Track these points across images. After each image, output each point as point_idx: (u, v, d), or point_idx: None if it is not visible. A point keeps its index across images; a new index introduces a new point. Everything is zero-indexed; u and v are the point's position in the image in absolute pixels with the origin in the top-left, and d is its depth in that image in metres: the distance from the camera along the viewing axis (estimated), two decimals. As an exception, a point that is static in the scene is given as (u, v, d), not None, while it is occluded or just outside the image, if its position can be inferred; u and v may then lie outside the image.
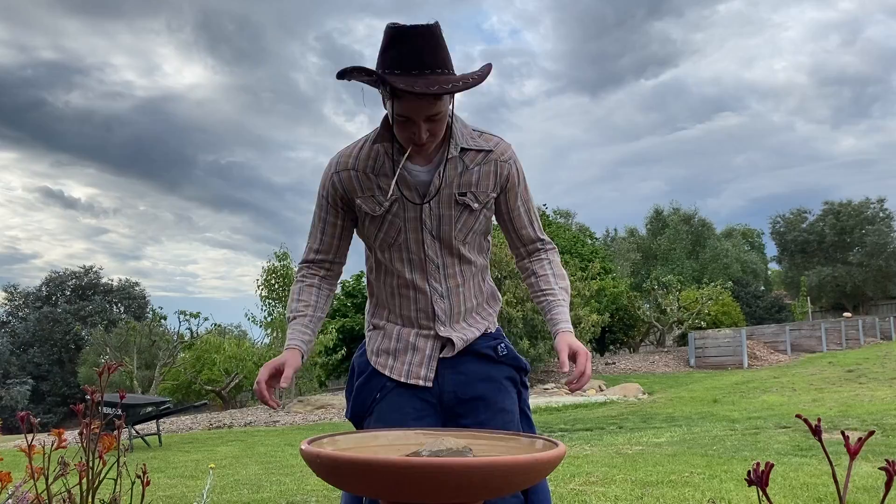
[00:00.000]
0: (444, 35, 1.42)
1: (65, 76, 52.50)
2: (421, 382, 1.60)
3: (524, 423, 1.67)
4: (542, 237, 1.74)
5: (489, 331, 1.70)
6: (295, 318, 1.63)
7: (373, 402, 1.64)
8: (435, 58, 1.39)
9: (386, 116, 1.53)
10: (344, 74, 1.40)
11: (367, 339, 1.73)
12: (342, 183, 1.60)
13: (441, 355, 1.63)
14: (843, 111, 63.14)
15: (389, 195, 1.56)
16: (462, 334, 1.64)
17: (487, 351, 1.66)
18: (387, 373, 1.63)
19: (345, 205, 1.62)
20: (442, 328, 1.63)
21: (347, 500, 1.67)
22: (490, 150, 1.60)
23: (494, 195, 1.63)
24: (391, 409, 1.59)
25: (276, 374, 1.51)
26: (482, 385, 1.61)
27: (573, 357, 1.51)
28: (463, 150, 1.58)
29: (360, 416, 1.67)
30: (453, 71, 1.43)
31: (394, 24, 1.39)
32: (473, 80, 1.40)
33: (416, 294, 1.63)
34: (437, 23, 1.42)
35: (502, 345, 1.69)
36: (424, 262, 1.61)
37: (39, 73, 50.76)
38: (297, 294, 1.67)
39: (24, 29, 49.45)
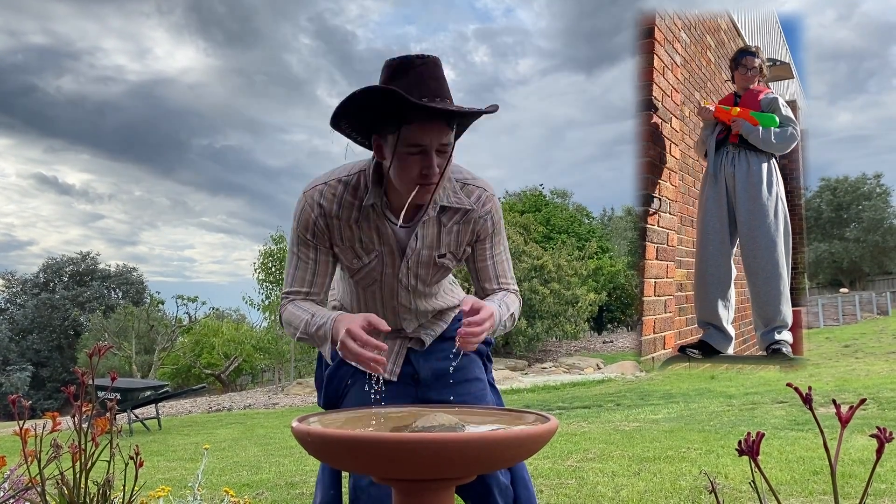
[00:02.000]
0: (442, 67, 1.37)
1: (55, 61, 52.09)
2: (386, 376, 1.60)
3: (493, 392, 1.72)
4: (506, 285, 1.64)
5: (456, 315, 1.72)
6: (307, 321, 1.47)
7: (345, 387, 1.64)
8: (441, 88, 1.33)
9: (375, 166, 1.47)
10: (338, 120, 1.35)
11: None
12: (323, 227, 1.51)
13: (410, 346, 1.66)
14: (840, 87, 62.81)
15: (370, 259, 1.54)
16: (431, 330, 1.68)
17: (455, 334, 1.66)
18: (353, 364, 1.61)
19: (323, 245, 1.53)
20: (409, 329, 1.65)
21: (326, 478, 1.65)
22: (470, 210, 1.54)
23: (469, 249, 1.61)
24: (365, 394, 1.56)
25: (367, 326, 1.33)
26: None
27: (476, 311, 1.39)
28: (442, 208, 1.52)
29: (334, 404, 1.67)
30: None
31: (394, 57, 1.34)
32: (487, 109, 1.34)
33: (384, 312, 1.61)
34: (437, 58, 1.38)
35: None
36: (396, 306, 1.61)
37: (30, 58, 50.36)
38: (292, 312, 1.52)
39: (13, 13, 48.95)
